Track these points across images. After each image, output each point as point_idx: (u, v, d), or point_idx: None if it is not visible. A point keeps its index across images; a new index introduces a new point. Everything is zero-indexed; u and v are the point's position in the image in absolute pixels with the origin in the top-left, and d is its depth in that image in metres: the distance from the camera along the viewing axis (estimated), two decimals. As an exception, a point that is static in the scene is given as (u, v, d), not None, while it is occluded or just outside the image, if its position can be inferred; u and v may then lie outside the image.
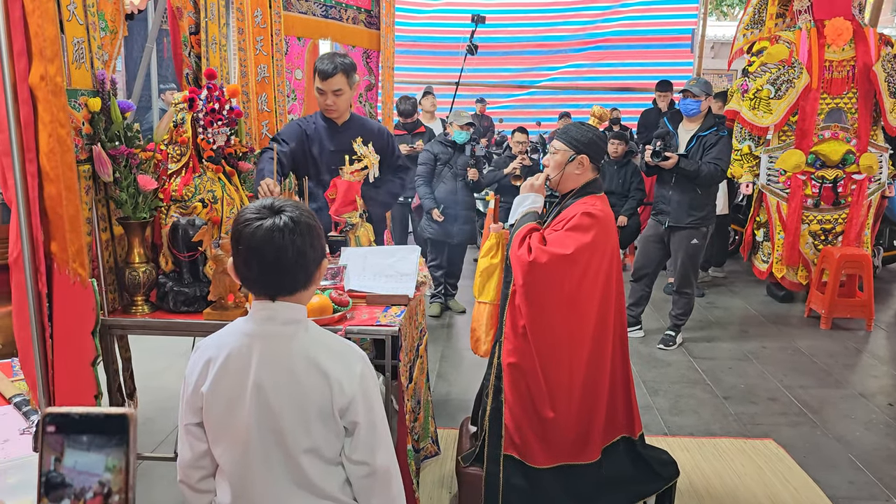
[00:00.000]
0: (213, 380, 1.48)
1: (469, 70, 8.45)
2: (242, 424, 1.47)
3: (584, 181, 2.57)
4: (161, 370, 3.97)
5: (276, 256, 1.44)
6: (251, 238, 1.43)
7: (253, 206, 1.49)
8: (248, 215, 1.46)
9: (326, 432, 1.49)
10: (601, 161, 2.62)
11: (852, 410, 3.99)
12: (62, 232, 1.74)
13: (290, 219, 1.44)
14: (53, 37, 1.69)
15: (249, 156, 2.96)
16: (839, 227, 5.80)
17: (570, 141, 2.56)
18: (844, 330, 5.49)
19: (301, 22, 3.74)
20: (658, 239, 4.98)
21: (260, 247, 1.43)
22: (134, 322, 2.40)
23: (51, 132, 1.67)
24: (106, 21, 2.30)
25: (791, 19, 6.02)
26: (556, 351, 2.43)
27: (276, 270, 1.46)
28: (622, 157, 6.85)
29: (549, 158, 2.63)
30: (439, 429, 3.42)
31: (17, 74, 1.62)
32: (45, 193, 1.70)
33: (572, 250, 2.38)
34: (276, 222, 1.43)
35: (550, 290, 2.40)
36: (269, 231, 1.43)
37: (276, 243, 1.43)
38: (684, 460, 3.27)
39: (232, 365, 1.48)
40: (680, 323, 5.04)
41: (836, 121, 5.70)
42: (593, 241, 2.41)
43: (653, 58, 11.13)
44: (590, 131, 2.58)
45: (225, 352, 1.49)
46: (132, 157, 2.31)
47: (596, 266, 2.44)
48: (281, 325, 1.50)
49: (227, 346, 1.50)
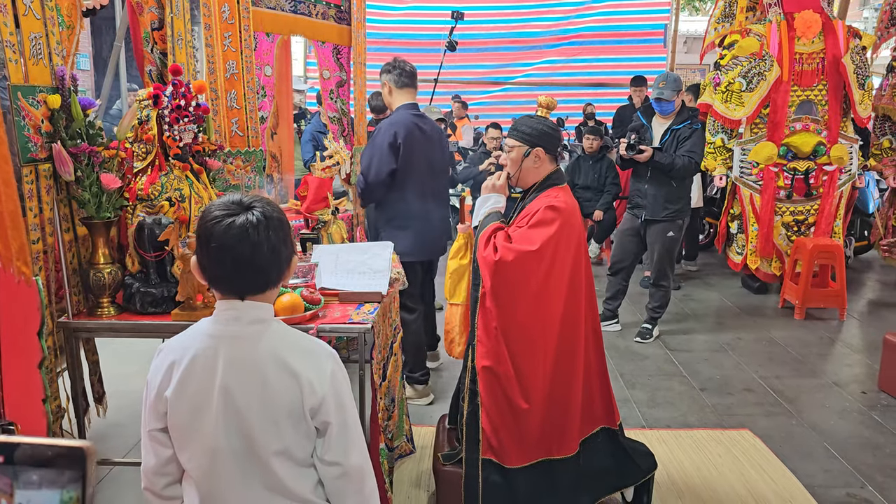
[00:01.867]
0: (178, 383, 1.43)
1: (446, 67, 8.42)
2: (209, 429, 1.42)
3: (544, 174, 2.55)
4: (131, 374, 3.90)
5: (252, 253, 1.40)
6: (224, 235, 1.39)
7: (220, 202, 1.44)
8: (217, 212, 1.41)
9: (297, 434, 1.45)
10: (557, 150, 2.60)
11: (827, 399, 4.02)
12: (3, 230, 1.68)
13: (263, 214, 1.41)
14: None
15: (219, 153, 2.91)
16: (811, 218, 5.86)
17: (521, 136, 2.53)
18: (818, 320, 5.54)
19: (270, 17, 3.69)
20: (634, 232, 4.99)
21: (234, 244, 1.39)
22: (100, 325, 2.34)
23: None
24: (63, 16, 2.24)
25: (761, 12, 6.07)
26: (527, 346, 2.42)
27: (250, 268, 1.43)
28: (597, 152, 6.87)
29: (505, 157, 2.60)
30: (415, 426, 3.39)
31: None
32: (-19, 191, 1.64)
33: (538, 245, 2.36)
34: (250, 218, 1.40)
35: (518, 287, 2.39)
36: (242, 227, 1.39)
37: (252, 240, 1.39)
38: (662, 453, 3.28)
39: (197, 367, 1.43)
40: (657, 316, 5.06)
41: (807, 112, 5.75)
42: (558, 233, 2.40)
43: (626, 53, 11.18)
44: (539, 123, 2.55)
45: (189, 354, 1.44)
46: (95, 154, 2.26)
47: (562, 257, 2.42)
48: (248, 325, 1.46)
49: (191, 348, 1.45)
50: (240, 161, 3.46)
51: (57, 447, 0.69)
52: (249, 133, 3.51)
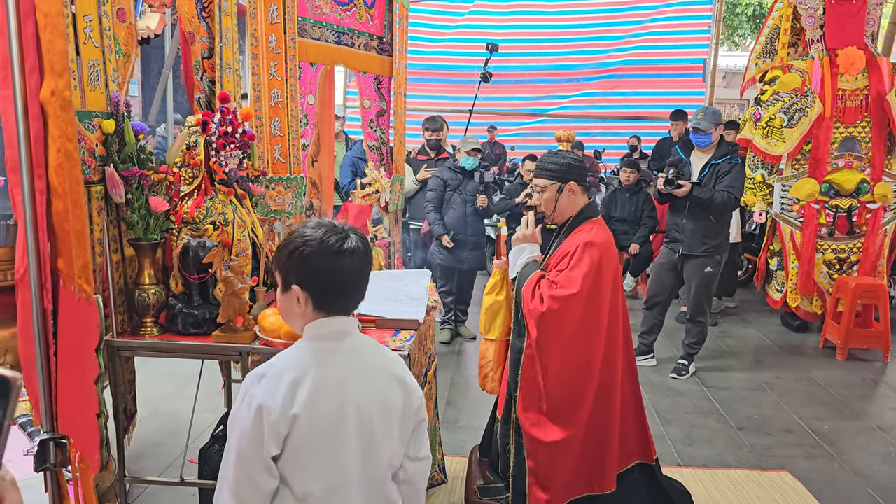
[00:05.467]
0: (308, 401, 1.41)
1: (481, 98, 8.49)
2: (346, 446, 1.45)
3: (578, 207, 2.56)
4: (169, 394, 3.96)
5: (365, 271, 1.53)
6: (346, 254, 1.47)
7: (318, 225, 1.50)
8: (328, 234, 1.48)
9: (402, 442, 1.56)
10: (587, 182, 2.61)
11: (869, 443, 3.90)
12: (69, 248, 1.73)
13: (361, 238, 1.52)
14: (62, 51, 1.69)
15: (262, 179, 2.97)
16: (854, 256, 5.74)
17: (551, 174, 2.55)
18: (861, 361, 5.40)
19: (315, 48, 3.77)
20: (671, 267, 4.94)
21: (355, 262, 1.49)
22: (142, 344, 2.39)
23: (59, 147, 1.67)
24: (120, 44, 2.32)
25: (803, 49, 6.03)
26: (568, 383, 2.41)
27: (362, 285, 1.55)
28: (634, 185, 6.84)
29: (538, 198, 2.61)
30: (447, 456, 3.37)
31: (29, 90, 1.63)
32: (52, 209, 1.70)
33: (579, 287, 2.37)
34: (357, 241, 1.50)
35: (561, 330, 2.39)
36: (357, 248, 1.49)
37: (365, 259, 1.52)
38: (698, 491, 3.20)
39: (327, 384, 1.45)
40: (693, 352, 4.98)
41: (850, 149, 5.67)
42: (597, 269, 2.40)
43: (665, 87, 11.15)
44: (564, 157, 2.57)
45: (312, 371, 1.44)
46: (144, 178, 2.32)
47: (601, 293, 2.43)
48: (357, 339, 1.55)
49: (311, 365, 1.46)
50: (281, 187, 3.52)
51: None
52: (291, 160, 3.58)
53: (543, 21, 11.39)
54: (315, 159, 4.41)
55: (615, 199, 6.93)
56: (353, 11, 3.94)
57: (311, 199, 3.98)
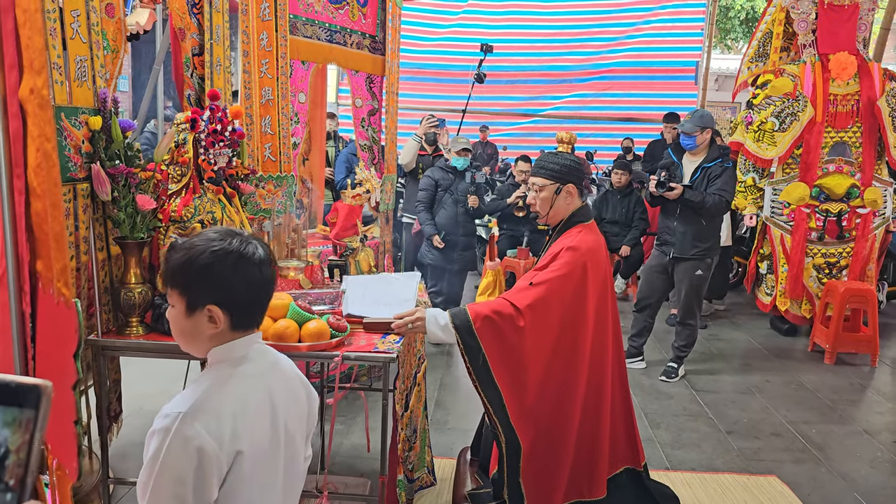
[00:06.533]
0: (250, 433, 1.31)
1: (474, 98, 8.48)
2: (277, 469, 1.40)
3: (571, 210, 2.54)
4: (154, 394, 3.92)
5: (272, 278, 1.41)
6: (260, 264, 1.35)
7: (225, 234, 1.35)
8: (232, 241, 1.33)
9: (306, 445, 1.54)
10: (583, 185, 2.59)
11: (857, 447, 3.91)
12: (48, 250, 1.70)
13: (261, 243, 1.40)
14: (41, 48, 1.66)
15: (251, 177, 2.94)
16: (843, 260, 5.77)
17: (551, 174, 2.53)
18: (849, 365, 5.42)
19: (306, 46, 3.74)
20: (662, 269, 4.94)
21: (263, 271, 1.36)
22: (128, 343, 2.36)
23: (38, 147, 1.64)
24: (108, 40, 2.29)
25: (795, 53, 6.04)
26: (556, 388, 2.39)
27: (270, 293, 1.43)
28: (625, 187, 6.84)
29: (533, 197, 2.58)
30: (436, 458, 3.36)
31: (8, 88, 1.60)
32: (31, 210, 1.66)
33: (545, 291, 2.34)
34: (261, 247, 1.38)
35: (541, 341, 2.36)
36: (264, 255, 1.37)
37: (270, 265, 1.40)
38: (686, 495, 3.20)
39: (261, 410, 1.36)
40: (682, 355, 4.98)
41: (841, 154, 5.69)
42: (570, 273, 2.36)
43: (657, 89, 11.18)
44: (565, 159, 2.55)
45: (251, 399, 1.35)
46: (131, 176, 2.29)
47: (582, 297, 2.39)
48: (275, 353, 1.48)
49: (246, 393, 1.35)
50: (271, 186, 3.50)
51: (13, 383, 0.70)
52: (282, 158, 3.55)
53: (537, 21, 11.40)
54: (306, 158, 4.39)
55: (606, 200, 6.93)
56: (345, 10, 3.91)
57: (301, 198, 3.95)
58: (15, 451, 0.67)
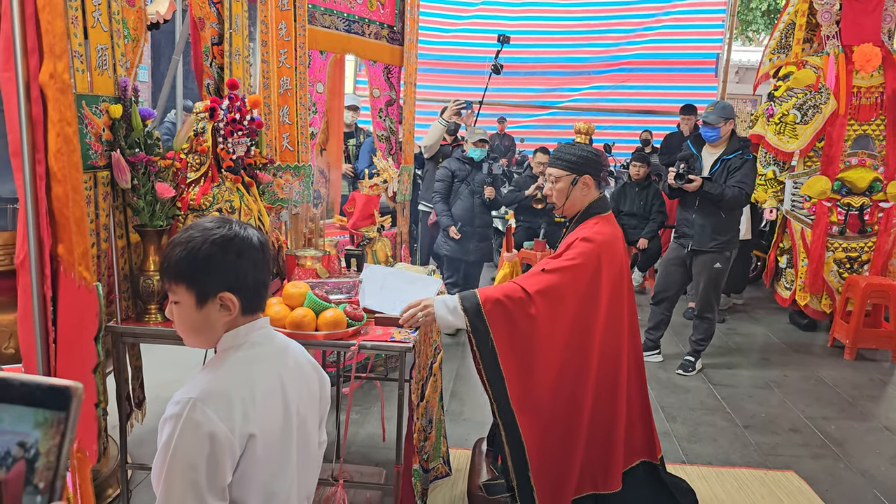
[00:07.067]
0: (261, 417, 1.33)
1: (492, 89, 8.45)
2: (290, 452, 1.41)
3: (589, 201, 2.52)
4: (171, 381, 3.95)
5: (269, 262, 1.44)
6: (261, 247, 1.39)
7: (221, 223, 1.38)
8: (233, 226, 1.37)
9: (319, 430, 1.57)
10: (602, 176, 2.56)
11: (877, 444, 3.87)
12: (69, 234, 1.71)
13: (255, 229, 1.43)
14: (62, 33, 1.66)
15: (269, 167, 2.95)
16: (865, 255, 5.69)
17: (567, 165, 2.50)
18: (869, 361, 5.36)
19: (325, 36, 3.74)
20: (680, 262, 4.91)
21: (263, 253, 1.40)
22: (146, 330, 2.38)
23: (59, 131, 1.65)
24: (129, 29, 2.30)
25: (818, 45, 5.96)
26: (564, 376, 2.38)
27: (269, 276, 1.45)
28: (643, 179, 6.80)
29: (549, 188, 2.56)
30: (451, 448, 3.36)
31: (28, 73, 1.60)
32: (52, 194, 1.67)
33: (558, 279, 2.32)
34: (255, 231, 1.41)
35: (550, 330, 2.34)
36: (259, 238, 1.40)
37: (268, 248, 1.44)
38: (703, 489, 3.18)
39: (272, 393, 1.38)
40: (700, 348, 4.95)
41: (864, 147, 5.61)
42: (584, 265, 2.34)
43: (677, 81, 11.07)
44: (583, 150, 2.53)
45: (259, 383, 1.36)
46: (151, 164, 2.31)
47: (595, 290, 2.36)
48: (280, 335, 1.50)
49: (256, 377, 1.36)
50: (289, 175, 3.50)
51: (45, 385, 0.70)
52: (300, 148, 3.56)
53: (555, 13, 11.32)
54: (323, 148, 4.39)
55: (624, 193, 6.89)
56: (363, 0, 3.91)
57: (318, 188, 3.96)
58: (45, 454, 0.67)
